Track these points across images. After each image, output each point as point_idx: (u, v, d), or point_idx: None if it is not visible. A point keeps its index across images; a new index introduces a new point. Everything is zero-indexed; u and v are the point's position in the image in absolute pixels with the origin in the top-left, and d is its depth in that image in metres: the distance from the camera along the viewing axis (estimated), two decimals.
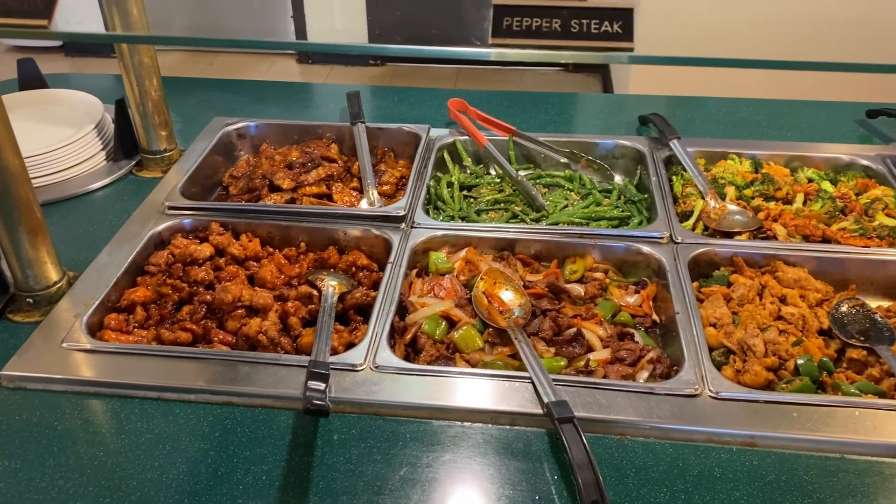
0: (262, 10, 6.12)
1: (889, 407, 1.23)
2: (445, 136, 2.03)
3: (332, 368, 1.28)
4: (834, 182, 1.83)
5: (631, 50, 0.92)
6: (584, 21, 0.91)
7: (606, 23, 0.93)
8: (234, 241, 1.66)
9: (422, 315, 1.44)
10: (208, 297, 1.51)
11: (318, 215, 1.71)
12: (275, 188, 1.82)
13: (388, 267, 1.55)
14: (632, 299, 1.57)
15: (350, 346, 1.40)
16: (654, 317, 1.54)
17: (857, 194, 1.78)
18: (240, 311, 1.48)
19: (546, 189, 1.93)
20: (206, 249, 1.61)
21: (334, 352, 1.38)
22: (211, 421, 1.25)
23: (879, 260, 1.57)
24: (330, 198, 1.84)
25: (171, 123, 1.99)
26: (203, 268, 1.58)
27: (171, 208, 1.73)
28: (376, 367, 1.31)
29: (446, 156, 1.99)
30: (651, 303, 1.56)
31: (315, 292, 1.52)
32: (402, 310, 1.48)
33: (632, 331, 1.48)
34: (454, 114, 2.05)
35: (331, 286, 1.51)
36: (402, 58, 6.23)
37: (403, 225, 1.67)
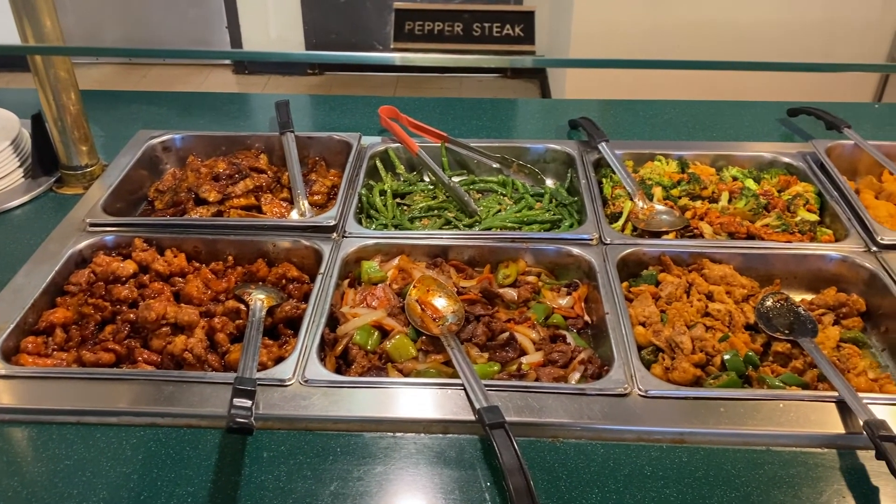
0: (197, 22, 6.01)
1: (812, 398, 1.26)
2: (378, 143, 2.02)
3: (259, 384, 1.26)
4: (757, 180, 1.87)
5: (533, 53, 0.92)
6: (486, 24, 0.91)
7: (508, 26, 0.94)
8: (159, 257, 1.61)
9: (353, 326, 1.42)
10: (132, 315, 1.46)
11: (245, 228, 1.67)
12: (201, 201, 1.78)
13: (319, 278, 1.52)
14: (564, 301, 1.57)
15: (280, 360, 1.37)
16: (586, 318, 1.55)
17: (779, 191, 1.83)
18: (165, 328, 1.44)
19: (480, 194, 1.94)
20: (129, 266, 1.56)
21: (263, 367, 1.35)
22: (134, 444, 1.21)
23: (801, 254, 1.62)
24: (259, 209, 1.80)
25: (93, 138, 1.93)
26: (126, 286, 1.53)
27: (92, 225, 1.67)
28: (305, 382, 1.28)
29: (379, 164, 1.97)
30: (583, 304, 1.57)
31: (243, 307, 1.49)
32: (334, 321, 1.46)
33: (564, 333, 1.48)
34: (385, 121, 2.04)
35: (259, 300, 1.48)
36: (341, 66, 6.19)
37: (335, 235, 1.65)
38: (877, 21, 4.25)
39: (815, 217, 1.74)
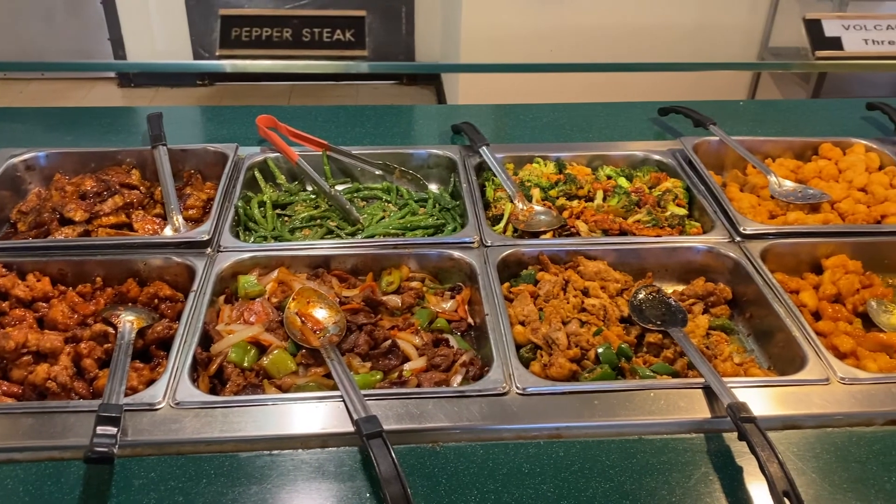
0: (77, 34, 5.74)
1: (681, 386, 1.31)
2: (257, 154, 1.97)
3: (127, 410, 1.20)
4: (630, 178, 1.94)
5: (365, 57, 0.91)
6: (317, 30, 0.90)
7: (339, 31, 0.93)
8: (20, 281, 1.52)
9: (227, 343, 1.38)
10: None
11: (114, 247, 1.60)
12: (66, 221, 1.69)
13: (191, 295, 1.47)
14: (448, 305, 1.58)
15: (152, 383, 1.31)
16: (470, 320, 1.56)
17: (650, 188, 1.90)
18: (26, 357, 1.36)
19: (365, 202, 1.92)
20: None
21: (134, 391, 1.29)
22: None
23: (671, 247, 1.68)
24: (130, 227, 1.73)
25: None
26: None
27: None
28: (176, 404, 1.23)
29: (258, 174, 1.93)
30: (466, 307, 1.58)
31: (111, 330, 1.42)
32: (209, 340, 1.41)
33: (448, 336, 1.49)
34: (264, 131, 1.99)
35: (128, 322, 1.42)
36: (233, 76, 6.04)
37: (209, 250, 1.60)
38: (746, 24, 4.49)
39: (683, 211, 1.81)
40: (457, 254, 1.62)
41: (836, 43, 1.84)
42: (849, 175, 1.92)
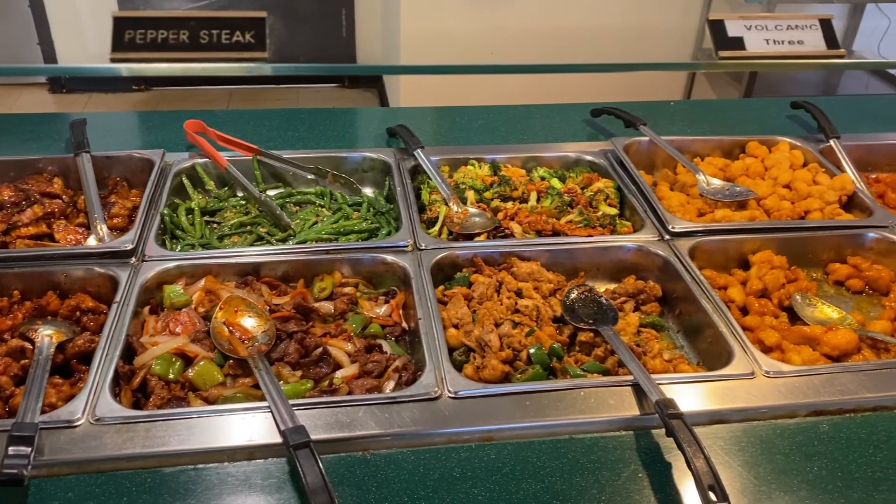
0: (4, 39, 5.53)
1: (610, 384, 1.32)
2: (185, 160, 1.92)
3: (43, 428, 1.16)
4: (563, 179, 1.95)
5: (265, 59, 0.90)
6: (215, 32, 0.88)
7: (238, 33, 0.91)
8: None
9: (151, 356, 1.34)
10: None
11: (32, 258, 1.54)
12: None
13: (114, 307, 1.42)
14: (382, 310, 1.56)
15: (72, 399, 1.26)
16: (404, 324, 1.54)
17: (582, 188, 1.91)
18: None
19: (297, 207, 1.89)
20: None
21: (53, 408, 1.24)
22: None
23: (602, 246, 1.70)
24: (52, 238, 1.67)
25: None
26: None
27: None
28: (96, 420, 1.19)
29: (186, 181, 1.88)
30: (400, 311, 1.57)
31: (29, 345, 1.36)
32: (132, 353, 1.37)
33: (381, 342, 1.47)
34: (191, 136, 1.95)
35: (46, 336, 1.36)
36: (170, 81, 5.91)
37: (133, 259, 1.55)
38: (680, 26, 4.59)
39: (614, 211, 1.83)
40: (390, 258, 1.61)
41: (738, 43, 1.89)
42: (774, 172, 1.97)
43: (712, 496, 1.06)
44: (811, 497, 1.16)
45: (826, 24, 1.89)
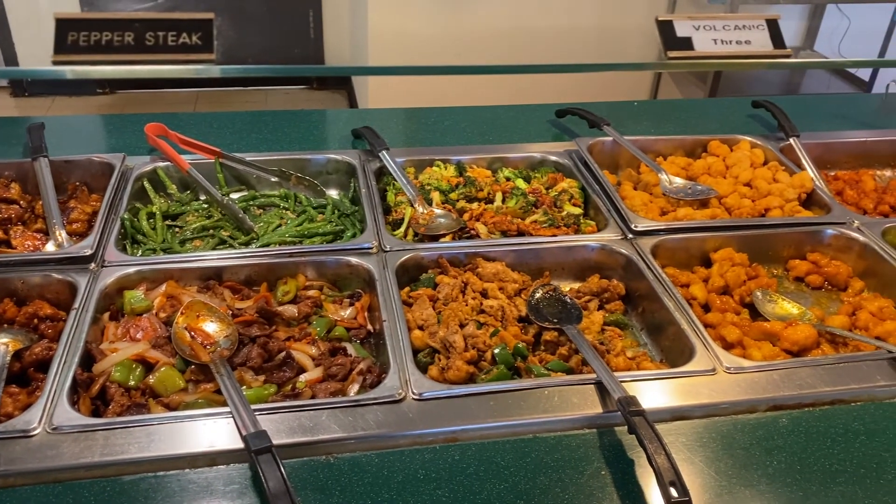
0: None
1: (574, 382, 1.33)
2: (146, 163, 1.90)
3: None
4: (528, 179, 1.96)
5: (212, 61, 0.89)
6: (161, 34, 0.87)
7: (185, 34, 0.90)
8: None
9: (110, 363, 1.32)
10: None
11: None
12: None
13: (73, 313, 1.40)
14: (346, 313, 1.56)
15: (29, 408, 1.24)
16: (369, 327, 1.54)
17: (547, 188, 1.92)
18: None
19: (261, 210, 1.88)
20: None
21: (9, 417, 1.22)
22: None
23: (567, 246, 1.71)
24: (9, 244, 1.63)
25: None
26: None
27: None
28: (53, 429, 1.17)
29: (147, 185, 1.85)
30: (365, 313, 1.56)
31: None
32: (91, 360, 1.35)
33: (345, 345, 1.47)
34: (153, 139, 1.92)
35: (2, 344, 1.34)
36: (134, 83, 5.83)
37: (92, 265, 1.53)
38: (644, 27, 4.63)
39: (579, 210, 1.85)
40: (354, 260, 1.60)
41: (687, 43, 1.92)
42: (735, 171, 2.00)
43: (674, 492, 1.07)
44: (771, 491, 1.18)
45: (773, 25, 1.93)
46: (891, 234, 1.80)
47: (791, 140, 2.13)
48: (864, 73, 4.82)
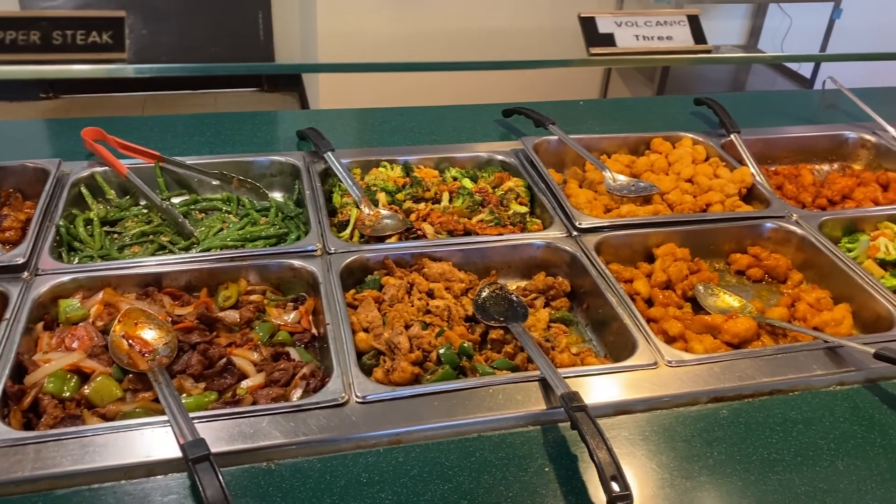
0: None
1: (518, 380, 1.33)
2: (84, 169, 1.85)
3: None
4: (474, 178, 1.96)
5: (123, 60, 0.87)
6: (69, 32, 0.85)
7: (95, 33, 0.88)
8: None
9: (43, 374, 1.28)
10: None
11: None
12: None
13: (3, 324, 1.35)
14: (290, 317, 1.53)
15: None
16: (314, 331, 1.52)
17: (494, 187, 1.93)
18: None
19: (203, 214, 1.84)
20: None
21: None
22: None
23: (513, 244, 1.71)
24: None
25: None
26: None
27: None
28: None
29: (84, 190, 1.81)
30: (310, 317, 1.54)
31: None
32: (23, 371, 1.30)
33: (288, 349, 1.45)
34: (90, 144, 1.87)
35: None
36: (79, 87, 5.69)
37: (25, 273, 1.48)
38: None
39: (525, 209, 1.85)
40: (298, 263, 1.58)
41: (609, 39, 1.94)
42: (677, 167, 2.03)
43: (615, 486, 1.08)
44: (711, 482, 1.19)
45: (694, 21, 1.96)
46: (828, 226, 1.85)
47: (732, 136, 2.17)
48: (807, 70, 4.95)
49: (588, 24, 1.86)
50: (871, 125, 2.37)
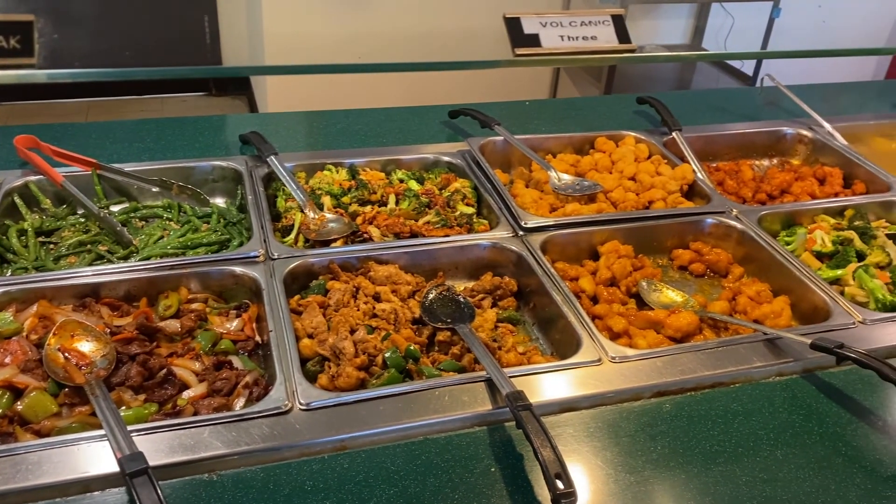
0: None
1: (465, 381, 1.33)
2: (17, 178, 1.79)
3: None
4: (421, 180, 1.96)
5: (33, 66, 0.85)
6: None
7: (2, 38, 0.85)
8: None
9: None
10: None
11: None
12: None
13: None
14: (233, 325, 1.51)
15: None
16: (258, 338, 1.50)
17: (440, 189, 1.92)
18: None
19: (144, 222, 1.80)
20: None
21: None
22: None
23: (460, 245, 1.71)
24: None
25: None
26: None
27: None
28: None
29: (18, 200, 1.75)
30: (254, 324, 1.52)
31: None
32: None
33: (231, 358, 1.42)
34: (23, 152, 1.82)
35: None
36: (15, 94, 5.53)
37: None
38: None
39: (472, 210, 1.86)
40: (239, 269, 1.56)
41: (534, 40, 1.96)
42: (620, 166, 2.06)
43: (559, 484, 1.08)
44: (654, 476, 1.21)
45: (618, 20, 1.99)
46: (766, 220, 1.89)
47: (674, 134, 2.21)
48: (749, 68, 5.06)
49: (513, 25, 1.87)
50: (808, 121, 2.43)
